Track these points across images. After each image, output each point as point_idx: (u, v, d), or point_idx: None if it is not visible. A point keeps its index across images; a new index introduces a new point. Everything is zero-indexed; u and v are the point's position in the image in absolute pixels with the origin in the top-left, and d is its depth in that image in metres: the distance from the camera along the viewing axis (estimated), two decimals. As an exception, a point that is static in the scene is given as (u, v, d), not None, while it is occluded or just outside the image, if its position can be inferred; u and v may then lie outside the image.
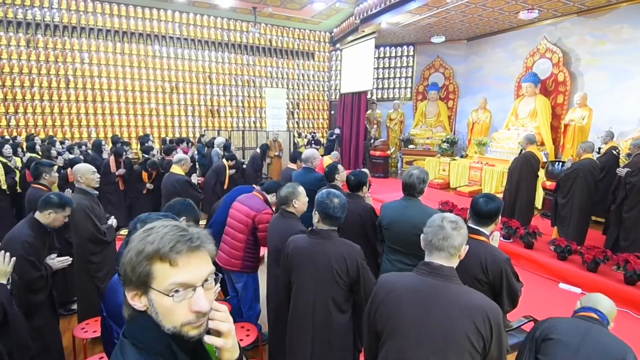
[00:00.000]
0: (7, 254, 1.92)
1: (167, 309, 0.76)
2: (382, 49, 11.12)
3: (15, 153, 5.66)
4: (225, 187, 5.98)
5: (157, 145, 9.02)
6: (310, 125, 12.85)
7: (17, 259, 2.00)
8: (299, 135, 11.62)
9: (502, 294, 1.87)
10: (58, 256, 2.55)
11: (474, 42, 9.84)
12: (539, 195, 6.30)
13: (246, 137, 11.16)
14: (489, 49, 9.49)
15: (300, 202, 2.56)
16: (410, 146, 10.10)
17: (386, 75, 11.40)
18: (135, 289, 0.78)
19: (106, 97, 9.90)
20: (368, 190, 3.25)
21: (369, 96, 10.94)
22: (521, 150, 5.64)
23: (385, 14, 8.32)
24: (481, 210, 2.04)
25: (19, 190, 5.23)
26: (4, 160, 5.31)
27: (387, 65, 11.34)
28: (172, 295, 0.75)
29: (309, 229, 2.17)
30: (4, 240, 2.38)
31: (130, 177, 6.02)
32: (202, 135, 10.10)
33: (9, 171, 5.25)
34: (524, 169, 5.26)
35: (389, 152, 10.18)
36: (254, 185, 3.39)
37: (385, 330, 1.41)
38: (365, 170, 3.60)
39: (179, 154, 4.67)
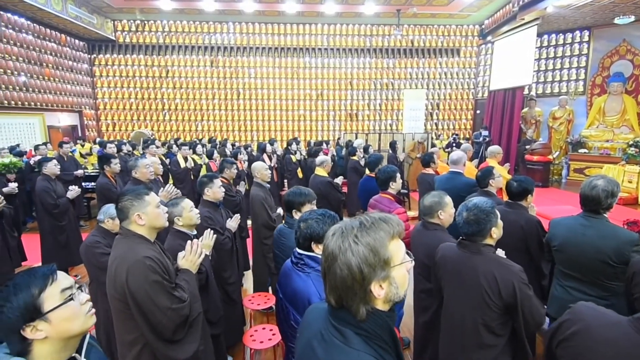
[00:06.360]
0: (211, 231, 2.36)
1: (404, 276, 0.91)
2: (545, 37, 9.69)
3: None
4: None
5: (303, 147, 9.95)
6: (451, 127, 12.13)
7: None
8: (437, 137, 11.04)
9: None
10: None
11: (686, 15, 7.54)
12: None
13: (382, 140, 11.23)
14: None
15: (447, 214, 2.34)
16: (582, 150, 8.47)
17: (550, 67, 9.84)
18: (377, 281, 0.86)
19: (266, 105, 11.61)
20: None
21: (525, 92, 9.62)
22: None
23: (553, -4, 7.16)
24: None
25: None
26: (196, 157, 6.90)
27: (551, 55, 9.78)
28: (406, 261, 0.91)
29: (459, 239, 1.98)
30: None
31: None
32: (339, 138, 10.64)
33: (196, 164, 6.68)
34: None
35: (550, 157, 8.70)
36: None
37: None
38: None
39: (320, 157, 4.85)
